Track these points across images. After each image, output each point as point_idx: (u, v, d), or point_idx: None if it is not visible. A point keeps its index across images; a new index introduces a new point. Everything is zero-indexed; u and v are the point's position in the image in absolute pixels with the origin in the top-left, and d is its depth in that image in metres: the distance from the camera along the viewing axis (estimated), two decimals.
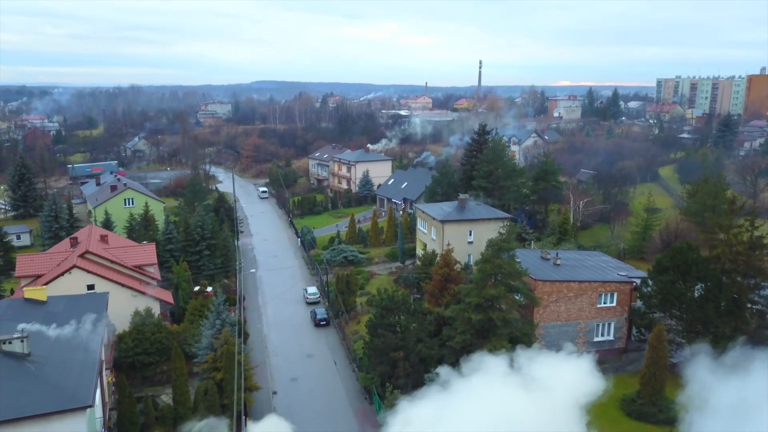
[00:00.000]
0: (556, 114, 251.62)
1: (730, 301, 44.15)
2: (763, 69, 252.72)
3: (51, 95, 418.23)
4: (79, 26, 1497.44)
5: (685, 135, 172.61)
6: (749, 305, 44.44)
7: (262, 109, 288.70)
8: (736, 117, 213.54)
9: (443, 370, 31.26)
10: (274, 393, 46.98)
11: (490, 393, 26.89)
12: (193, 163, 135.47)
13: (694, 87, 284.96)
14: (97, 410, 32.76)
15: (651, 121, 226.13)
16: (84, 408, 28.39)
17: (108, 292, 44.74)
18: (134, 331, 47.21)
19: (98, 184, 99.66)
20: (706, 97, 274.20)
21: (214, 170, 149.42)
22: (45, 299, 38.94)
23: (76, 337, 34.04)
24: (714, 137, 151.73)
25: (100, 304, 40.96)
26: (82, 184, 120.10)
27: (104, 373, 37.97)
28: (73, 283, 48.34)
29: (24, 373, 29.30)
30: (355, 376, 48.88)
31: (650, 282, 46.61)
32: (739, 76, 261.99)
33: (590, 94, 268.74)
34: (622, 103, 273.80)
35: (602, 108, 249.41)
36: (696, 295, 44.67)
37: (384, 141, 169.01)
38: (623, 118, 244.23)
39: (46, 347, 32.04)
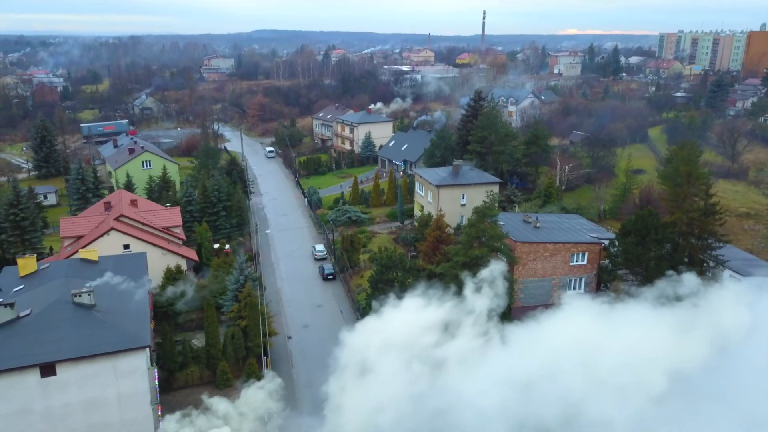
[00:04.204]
0: (556, 71, 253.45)
1: (684, 260, 50.85)
2: (763, 26, 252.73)
3: (54, 46, 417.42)
4: None
5: (680, 93, 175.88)
6: (704, 264, 51.25)
7: (265, 64, 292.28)
8: (734, 73, 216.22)
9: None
10: (289, 338, 54.46)
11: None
12: (202, 122, 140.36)
13: (695, 42, 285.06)
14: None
15: (650, 77, 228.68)
16: (144, 347, 35.55)
17: (145, 252, 51.71)
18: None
19: (115, 145, 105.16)
20: (707, 53, 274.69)
21: (221, 129, 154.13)
22: (97, 259, 45.74)
23: (128, 290, 41.05)
24: (706, 97, 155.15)
25: (141, 263, 47.99)
26: (98, 143, 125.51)
27: None
28: (111, 244, 55.09)
29: (93, 320, 36.35)
30: None
31: (616, 243, 53.23)
32: (741, 32, 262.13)
33: (591, 50, 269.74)
34: (623, 58, 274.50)
35: (602, 64, 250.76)
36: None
37: (398, 100, 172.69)
38: (623, 74, 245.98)
39: (106, 299, 39.05)
